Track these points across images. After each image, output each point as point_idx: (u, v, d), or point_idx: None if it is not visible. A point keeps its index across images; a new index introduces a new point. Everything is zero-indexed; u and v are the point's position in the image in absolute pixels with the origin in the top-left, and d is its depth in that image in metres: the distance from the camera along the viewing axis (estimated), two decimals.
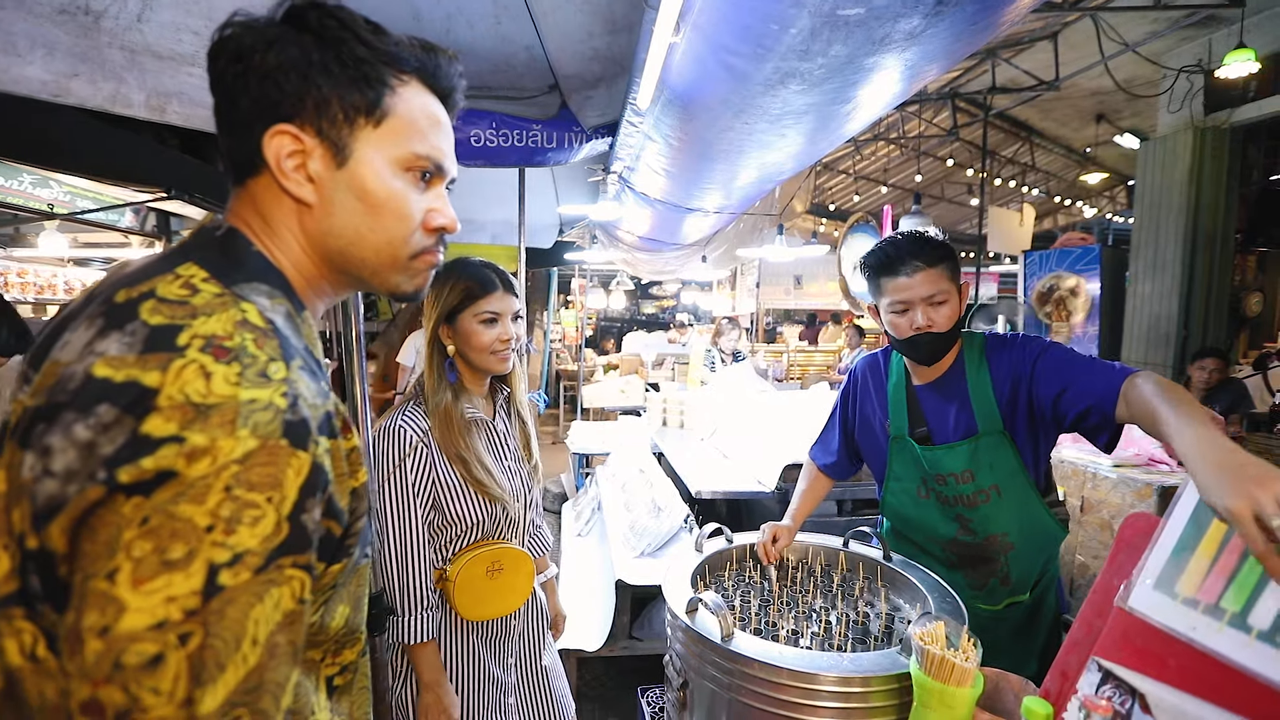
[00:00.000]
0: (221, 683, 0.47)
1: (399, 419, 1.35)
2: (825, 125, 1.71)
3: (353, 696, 0.73)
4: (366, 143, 0.63)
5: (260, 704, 0.49)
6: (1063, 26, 5.81)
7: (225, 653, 0.47)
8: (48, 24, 1.50)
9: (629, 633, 2.37)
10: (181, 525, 0.46)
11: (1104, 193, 12.60)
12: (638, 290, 15.58)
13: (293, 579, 0.51)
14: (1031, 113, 8.33)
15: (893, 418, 1.53)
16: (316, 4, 0.62)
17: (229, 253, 0.61)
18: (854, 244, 6.05)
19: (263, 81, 0.60)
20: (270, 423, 0.50)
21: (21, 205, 4.03)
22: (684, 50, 1.36)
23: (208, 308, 0.54)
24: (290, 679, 0.53)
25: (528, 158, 2.40)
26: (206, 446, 0.47)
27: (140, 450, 0.46)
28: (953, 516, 1.47)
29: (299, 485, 0.51)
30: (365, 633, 0.74)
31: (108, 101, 1.60)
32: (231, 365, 0.50)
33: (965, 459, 1.42)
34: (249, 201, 0.64)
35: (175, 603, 0.45)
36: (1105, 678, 0.94)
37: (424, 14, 2.10)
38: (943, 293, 1.36)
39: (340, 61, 0.62)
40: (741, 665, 1.07)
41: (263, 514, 0.49)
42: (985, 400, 1.41)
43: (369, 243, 0.66)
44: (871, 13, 1.06)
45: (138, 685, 0.45)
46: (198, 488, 0.47)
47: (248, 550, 0.48)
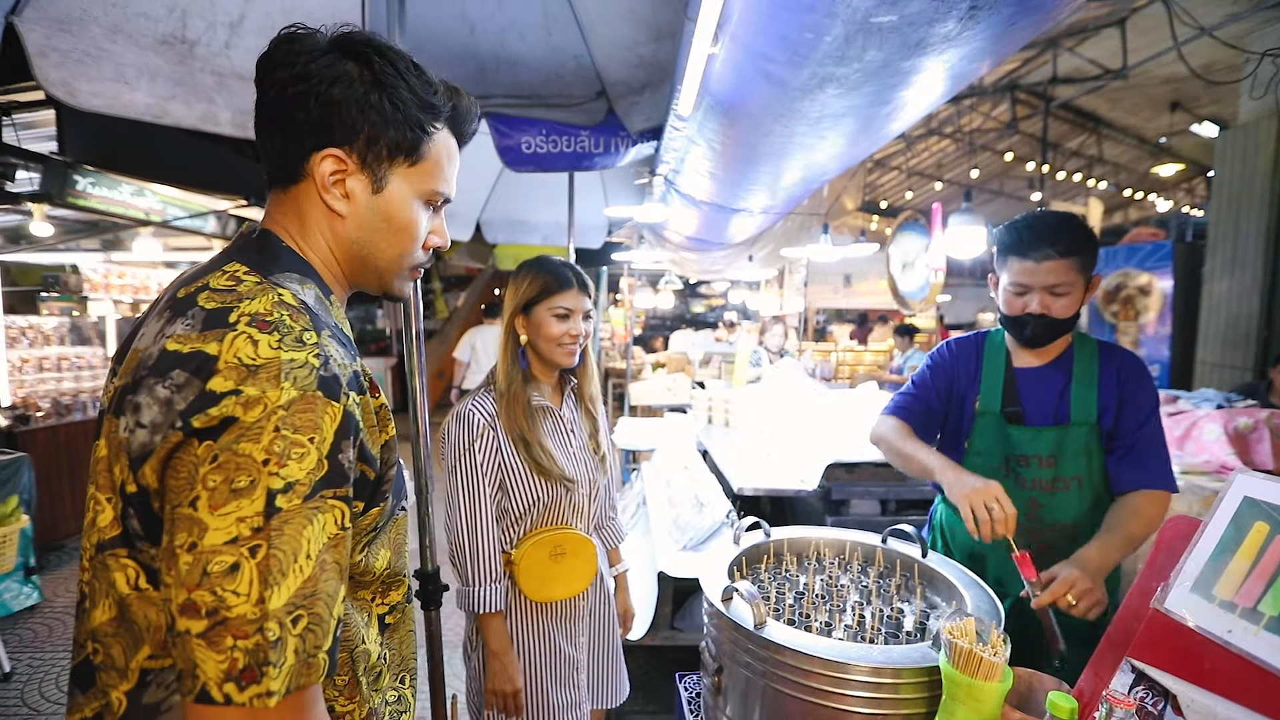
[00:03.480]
0: (285, 586, 0.57)
1: (470, 404, 1.45)
2: (866, 127, 1.72)
3: (400, 635, 0.85)
4: (400, 178, 0.75)
5: (315, 608, 0.59)
6: (1131, 12, 5.52)
7: (286, 562, 0.57)
8: (151, 54, 1.67)
9: (670, 623, 2.43)
10: (244, 460, 0.57)
11: (1179, 185, 11.85)
12: (686, 289, 15.58)
13: (334, 508, 0.62)
14: (1099, 102, 7.92)
15: (985, 393, 1.51)
16: (379, 48, 0.72)
17: (264, 250, 0.72)
18: (902, 242, 5.92)
19: (324, 108, 0.69)
20: (307, 377, 0.61)
21: (122, 214, 4.39)
22: (723, 59, 1.41)
23: (250, 293, 0.65)
24: (339, 593, 0.63)
25: (576, 163, 2.48)
26: (258, 396, 0.58)
27: (208, 402, 0.58)
28: (1025, 499, 1.45)
29: (334, 429, 0.62)
30: (409, 578, 0.85)
31: (200, 121, 1.76)
32: (272, 334, 0.62)
33: (1051, 444, 1.43)
34: (290, 204, 0.75)
35: (244, 522, 0.56)
36: (1138, 679, 0.95)
37: (479, 28, 2.21)
38: (1067, 284, 1.35)
39: (394, 106, 0.72)
40: (773, 653, 1.10)
41: (306, 451, 0.59)
42: (1087, 394, 1.42)
43: (384, 255, 0.78)
44: (904, 19, 1.09)
45: (222, 588, 0.55)
46: (254, 430, 0.58)
47: (297, 480, 0.58)
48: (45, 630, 3.36)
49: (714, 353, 8.00)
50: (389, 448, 0.74)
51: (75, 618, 0.69)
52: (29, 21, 1.50)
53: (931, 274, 5.54)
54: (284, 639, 0.56)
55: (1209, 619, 0.88)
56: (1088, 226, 1.38)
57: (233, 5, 1.77)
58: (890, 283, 5.70)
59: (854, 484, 2.77)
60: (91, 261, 5.82)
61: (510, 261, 8.37)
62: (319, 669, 0.59)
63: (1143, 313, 6.18)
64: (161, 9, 1.69)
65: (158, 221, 4.74)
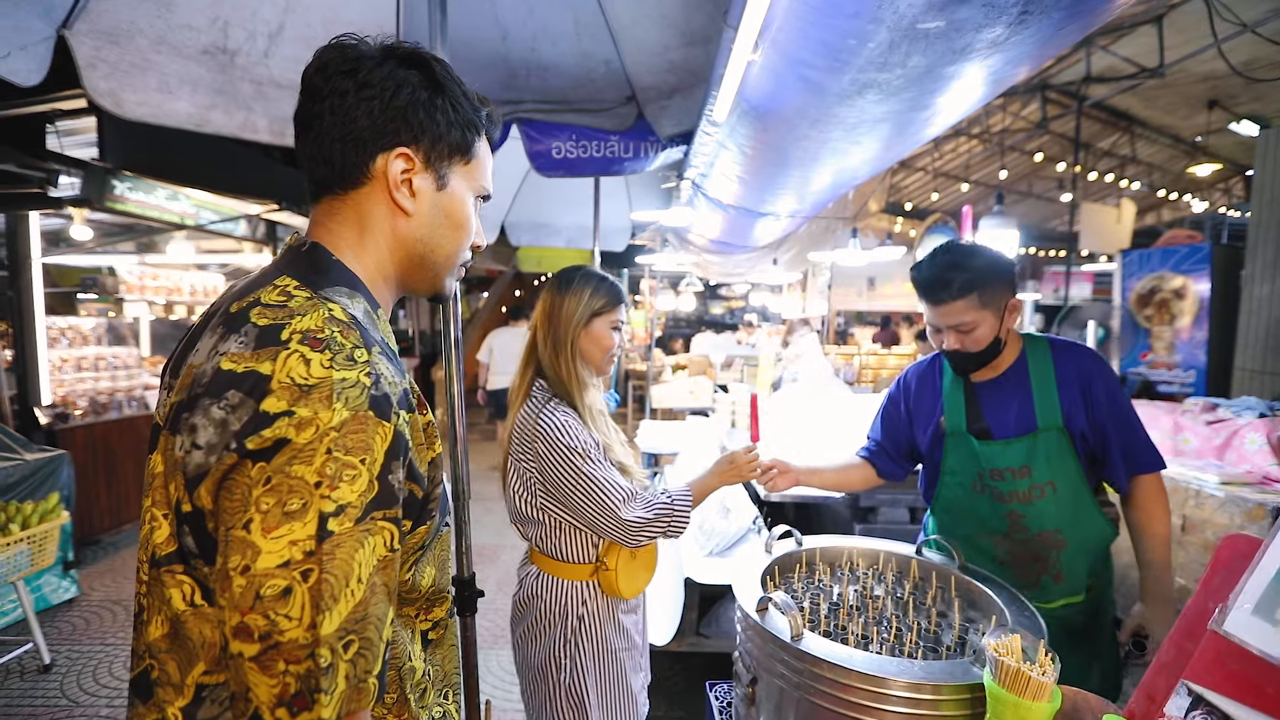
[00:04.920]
0: (336, 611, 0.57)
1: (554, 414, 1.42)
2: (902, 132, 1.70)
3: (444, 651, 0.85)
4: (458, 175, 0.80)
5: (366, 633, 0.59)
6: (1168, 9, 5.39)
7: (338, 587, 0.57)
8: (193, 63, 1.71)
9: (696, 629, 2.42)
10: (296, 483, 0.57)
11: (1216, 185, 11.53)
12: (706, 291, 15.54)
13: (384, 529, 0.61)
14: (1133, 101, 7.74)
15: (949, 413, 1.55)
16: (432, 57, 0.77)
17: (314, 263, 0.73)
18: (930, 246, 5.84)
19: (392, 112, 0.72)
20: (359, 397, 0.61)
21: (157, 218, 4.50)
22: (761, 65, 1.40)
23: (302, 309, 0.65)
24: (388, 615, 0.62)
25: (605, 167, 2.48)
26: (310, 417, 0.58)
27: (261, 424, 0.58)
28: (1005, 513, 1.48)
29: (385, 449, 0.61)
30: (452, 594, 0.86)
31: (239, 129, 1.80)
32: (324, 353, 0.61)
33: (1023, 454, 1.44)
34: (349, 210, 0.75)
35: (297, 545, 0.56)
36: (1196, 702, 0.92)
37: (511, 34, 2.22)
38: (970, 322, 1.39)
39: (455, 109, 0.77)
40: (811, 665, 1.09)
41: (358, 473, 0.59)
42: (1048, 397, 1.44)
43: (444, 251, 0.81)
44: (952, 25, 1.07)
45: (274, 612, 0.55)
46: (306, 451, 0.57)
47: (349, 503, 0.58)
48: (83, 623, 3.45)
49: (735, 355, 7.97)
50: (435, 465, 0.74)
51: (134, 628, 0.69)
52: (79, 34, 1.54)
53: None
54: (335, 664, 0.56)
55: (1273, 643, 0.85)
56: (991, 259, 1.41)
57: (272, 15, 1.80)
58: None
59: (882, 491, 2.74)
60: (127, 264, 5.97)
61: (532, 264, 8.41)
62: (369, 694, 0.59)
63: (1178, 317, 6.02)
64: (204, 20, 1.73)
65: (191, 225, 4.86)
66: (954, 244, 1.46)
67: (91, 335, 4.97)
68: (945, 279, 1.39)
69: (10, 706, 2.72)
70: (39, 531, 2.93)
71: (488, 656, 3.02)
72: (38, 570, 2.98)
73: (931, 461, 1.63)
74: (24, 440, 3.52)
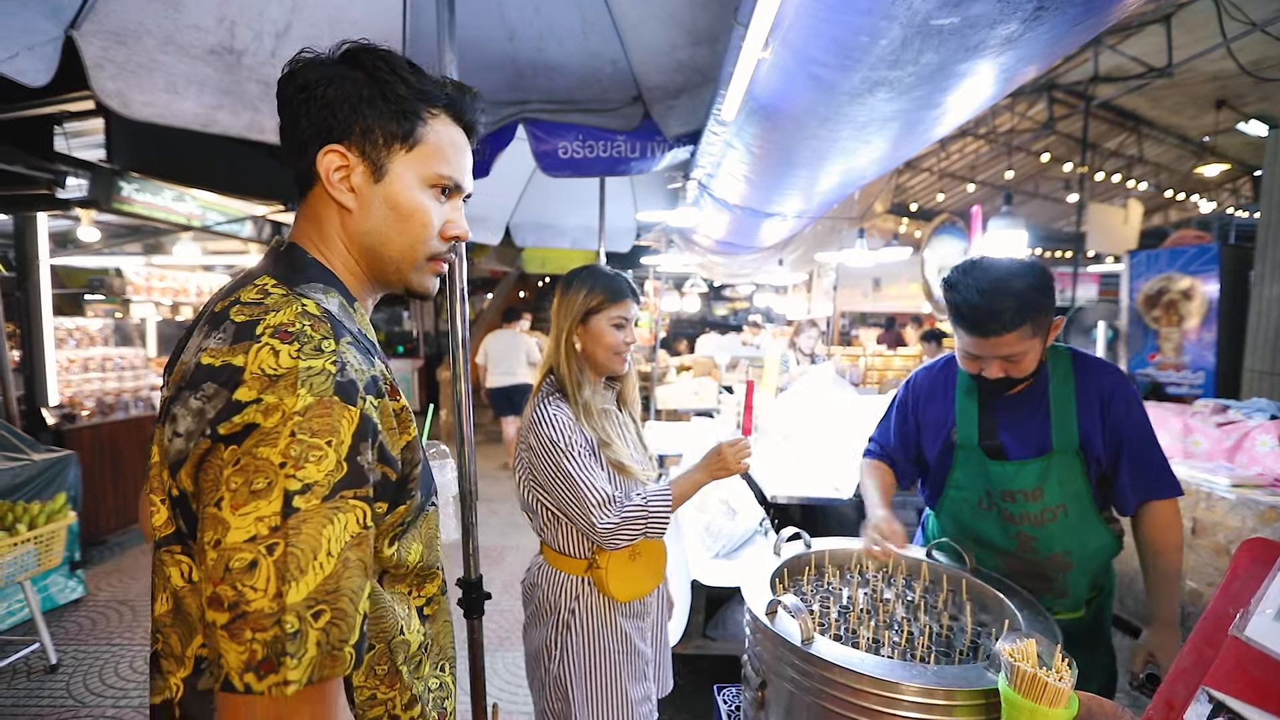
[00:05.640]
0: (304, 582, 0.60)
1: (546, 409, 1.45)
2: (912, 131, 1.68)
3: (438, 626, 0.88)
4: (400, 163, 0.78)
5: (339, 604, 0.62)
6: (1177, 8, 5.36)
7: (304, 559, 0.60)
8: (200, 64, 1.71)
9: (703, 632, 2.41)
10: (262, 463, 0.60)
11: (1224, 185, 11.47)
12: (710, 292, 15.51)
13: (356, 507, 0.64)
14: (1140, 101, 7.70)
15: (961, 425, 1.48)
16: (370, 49, 0.77)
17: (291, 262, 0.76)
18: (938, 247, 5.81)
19: (321, 109, 0.74)
20: (324, 384, 0.64)
21: (163, 219, 4.52)
22: (771, 63, 1.39)
23: (276, 305, 0.69)
24: (364, 589, 0.65)
25: (612, 168, 2.48)
26: (276, 403, 0.62)
27: (233, 410, 0.62)
28: (1014, 534, 1.44)
29: (352, 431, 0.65)
30: (442, 571, 0.88)
31: (245, 129, 1.80)
32: (293, 344, 0.65)
33: (1036, 476, 1.39)
34: (309, 211, 0.79)
35: (263, 521, 0.59)
36: (1217, 709, 0.90)
37: (518, 33, 2.22)
38: (1020, 351, 1.29)
39: (385, 98, 0.76)
40: (821, 669, 1.08)
41: (324, 454, 0.62)
42: (1066, 418, 1.37)
43: (395, 244, 0.80)
44: (966, 21, 1.05)
45: (241, 583, 0.58)
46: (271, 435, 0.61)
47: (316, 482, 0.61)
48: (89, 623, 3.46)
49: (740, 357, 7.95)
50: (411, 448, 0.76)
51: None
52: (87, 35, 1.54)
53: None
54: (304, 631, 0.59)
55: None
56: (1036, 278, 1.27)
57: (279, 15, 1.80)
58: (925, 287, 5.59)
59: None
60: (134, 265, 5.99)
61: (537, 265, 8.41)
62: (344, 662, 0.62)
63: (1186, 318, 5.98)
64: (211, 20, 1.73)
65: (197, 226, 4.87)
66: (989, 263, 1.32)
67: (98, 336, 4.99)
68: (995, 310, 1.24)
69: (17, 706, 2.72)
70: (46, 532, 2.93)
71: (494, 658, 3.01)
72: (44, 570, 2.99)
73: (938, 470, 1.58)
74: (31, 440, 3.54)
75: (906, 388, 1.64)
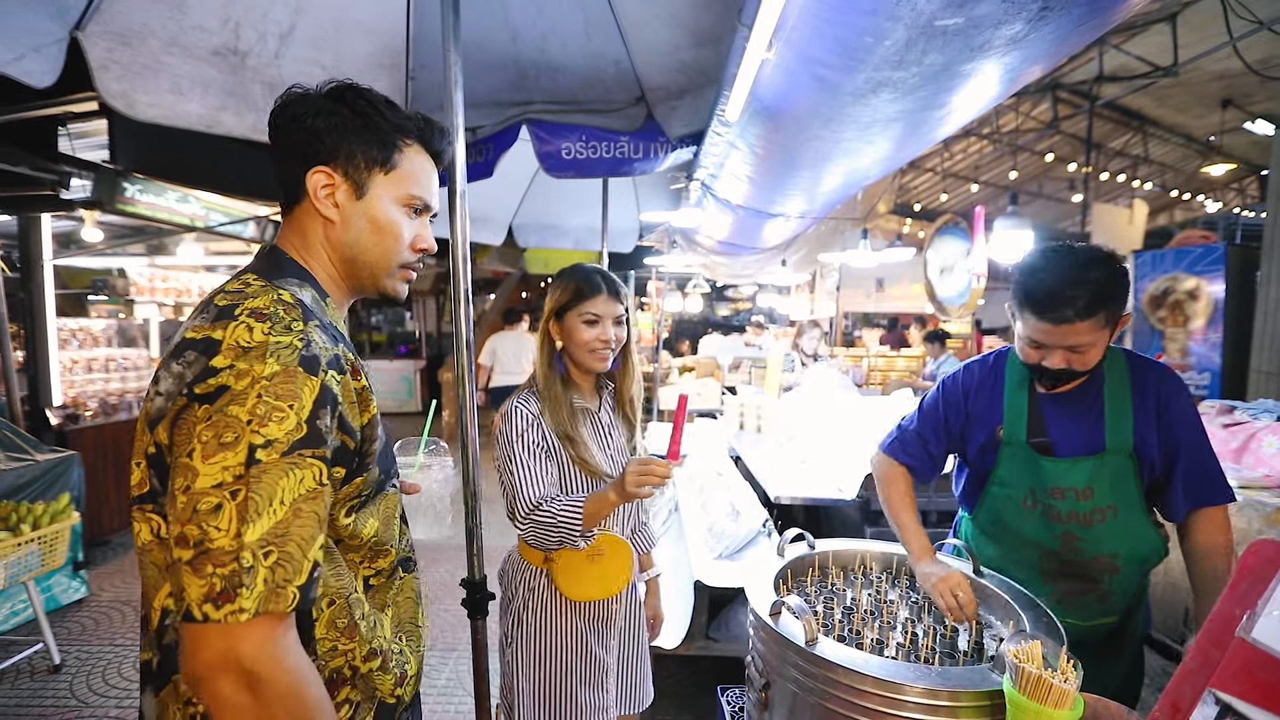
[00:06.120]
0: (259, 525, 0.68)
1: (515, 402, 1.48)
2: (915, 131, 1.68)
3: (402, 600, 0.97)
4: (378, 184, 0.90)
5: (286, 547, 0.70)
6: (1182, 7, 5.35)
7: (261, 505, 0.68)
8: (204, 65, 1.71)
9: (706, 633, 2.40)
10: (232, 420, 0.69)
11: (1230, 185, 11.43)
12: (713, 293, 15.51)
13: (313, 465, 0.73)
14: (1145, 101, 7.68)
15: (1009, 422, 1.44)
16: (354, 87, 0.90)
17: (272, 261, 0.88)
18: (941, 247, 5.80)
19: (311, 136, 0.86)
20: (290, 355, 0.74)
21: (167, 219, 4.53)
22: (774, 64, 1.38)
23: (254, 293, 0.79)
24: (316, 539, 0.73)
25: (615, 168, 2.47)
26: (247, 369, 0.71)
27: (209, 374, 0.71)
28: (1059, 532, 1.41)
29: (313, 398, 0.74)
30: (396, 548, 0.95)
31: (249, 130, 1.80)
32: (265, 323, 0.75)
33: (1087, 475, 1.36)
34: (294, 222, 0.91)
35: (228, 470, 0.68)
36: (1223, 711, 0.90)
37: (521, 34, 2.22)
38: (1089, 342, 1.24)
39: (367, 129, 0.88)
40: (825, 670, 1.07)
41: (286, 416, 0.71)
42: (1122, 418, 1.34)
43: (372, 253, 0.92)
44: (970, 22, 1.05)
45: (207, 523, 0.67)
46: (241, 395, 0.70)
47: (276, 439, 0.70)
48: (92, 624, 3.46)
49: (743, 357, 7.94)
50: (371, 425, 0.85)
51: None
52: (92, 36, 1.55)
53: (972, 279, 5.42)
54: (255, 568, 0.67)
55: None
56: (1116, 268, 1.23)
57: (284, 16, 1.80)
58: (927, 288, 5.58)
59: None
60: (137, 265, 6.01)
61: (540, 265, 8.42)
62: (287, 599, 0.69)
63: (1191, 318, 5.96)
64: (216, 21, 1.73)
65: (200, 227, 4.88)
66: (1068, 249, 1.28)
67: (102, 336, 5.00)
68: (1071, 294, 1.20)
69: (21, 706, 2.73)
70: (50, 532, 2.94)
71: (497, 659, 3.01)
72: (48, 570, 3.00)
73: (978, 468, 1.54)
74: (35, 441, 3.54)
75: (955, 380, 1.56)
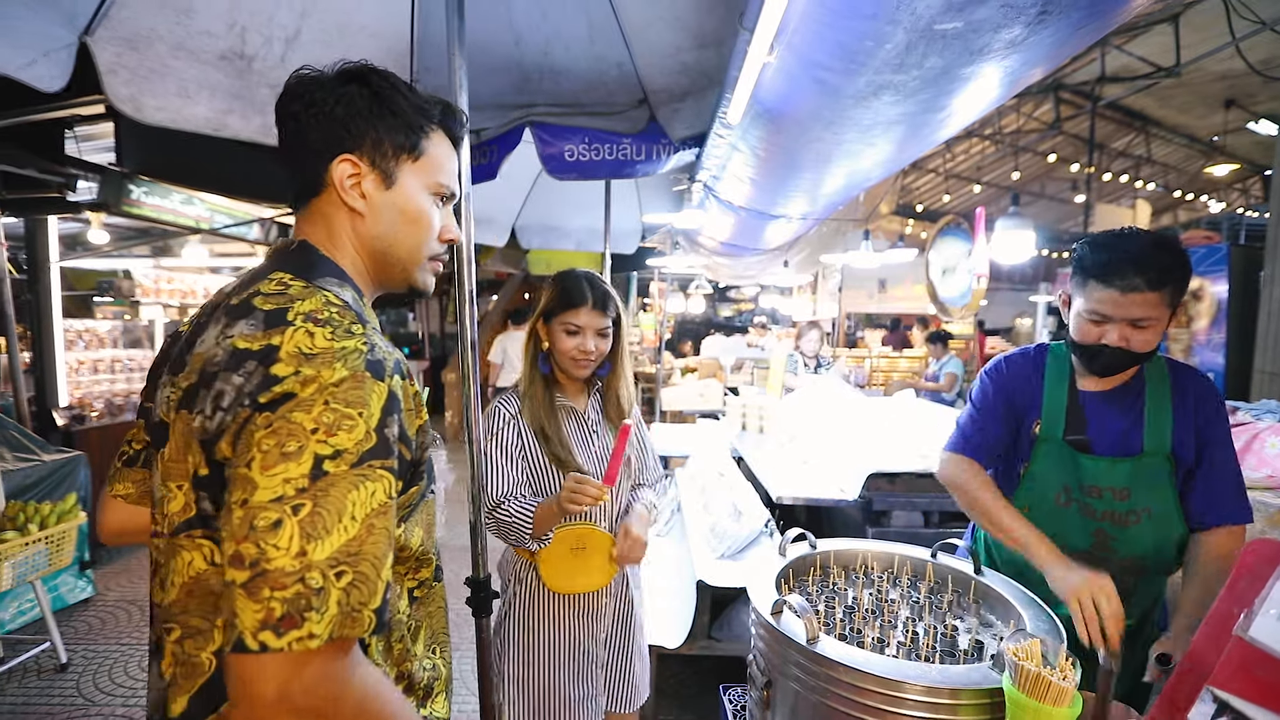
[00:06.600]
0: (328, 542, 0.62)
1: (497, 401, 1.55)
2: (917, 133, 1.68)
3: (431, 609, 0.92)
4: (407, 172, 0.84)
5: (360, 567, 0.64)
6: (1184, 8, 5.34)
7: (330, 521, 0.62)
8: (211, 69, 1.73)
9: (708, 633, 2.41)
10: (295, 428, 0.63)
11: (1234, 185, 11.39)
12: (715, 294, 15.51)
13: (383, 477, 0.67)
14: (1147, 101, 7.67)
15: (1047, 417, 1.42)
16: (373, 69, 0.83)
17: (306, 259, 0.81)
18: (942, 248, 5.80)
19: (334, 124, 0.79)
20: (357, 360, 0.69)
21: (172, 221, 4.55)
22: (775, 67, 1.39)
23: (300, 295, 0.74)
24: (388, 556, 0.67)
25: (618, 170, 2.48)
26: (314, 375, 0.66)
27: (271, 382, 0.66)
28: (1092, 530, 1.40)
29: (381, 405, 0.68)
30: (437, 557, 0.92)
31: (256, 133, 1.82)
32: (325, 328, 0.70)
33: (1126, 476, 1.36)
34: (317, 215, 0.84)
35: (290, 482, 0.62)
36: (1221, 709, 0.91)
37: (525, 38, 2.23)
38: (1152, 319, 1.23)
39: (392, 113, 0.82)
40: (826, 668, 1.08)
41: (355, 424, 0.66)
42: (1161, 422, 1.34)
43: (403, 245, 0.86)
44: (970, 26, 1.06)
45: (264, 541, 0.60)
46: (306, 402, 0.64)
47: (345, 449, 0.64)
48: (99, 623, 3.49)
49: (745, 358, 7.95)
50: (423, 431, 0.81)
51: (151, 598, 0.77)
52: (101, 41, 1.56)
53: (974, 280, 5.42)
54: (327, 589, 0.60)
55: None
56: (1183, 251, 1.24)
57: (289, 21, 1.81)
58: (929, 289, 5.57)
59: (896, 495, 2.72)
60: (143, 267, 6.04)
61: (543, 266, 8.44)
62: (364, 623, 0.63)
63: (1195, 319, 5.94)
64: (222, 26, 1.75)
65: (205, 228, 4.91)
66: (1138, 229, 1.27)
67: (107, 338, 5.03)
68: (1143, 263, 1.19)
69: (28, 704, 2.75)
70: (57, 531, 2.96)
71: None
72: (55, 570, 3.02)
73: (1011, 464, 1.52)
74: (41, 441, 3.57)
75: (995, 376, 1.52)
